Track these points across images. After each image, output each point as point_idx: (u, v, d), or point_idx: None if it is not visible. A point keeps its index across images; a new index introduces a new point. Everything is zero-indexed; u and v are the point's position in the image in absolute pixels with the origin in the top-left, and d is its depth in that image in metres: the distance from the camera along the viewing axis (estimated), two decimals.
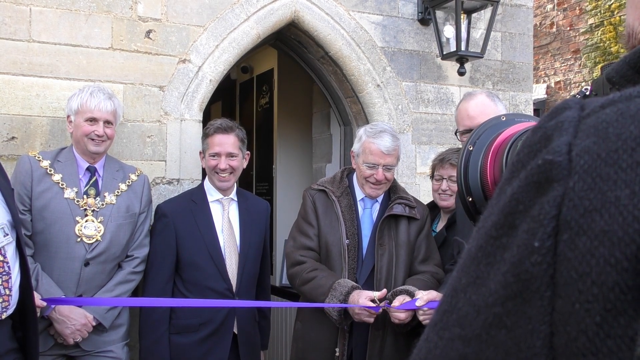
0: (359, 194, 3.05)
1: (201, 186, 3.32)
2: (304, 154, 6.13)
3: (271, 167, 6.36)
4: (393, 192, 3.07)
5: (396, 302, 2.70)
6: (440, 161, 3.23)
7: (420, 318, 2.65)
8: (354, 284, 2.79)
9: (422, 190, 4.32)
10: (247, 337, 3.23)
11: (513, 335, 0.47)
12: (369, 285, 2.88)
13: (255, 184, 6.71)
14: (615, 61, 0.66)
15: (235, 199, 3.31)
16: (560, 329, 0.45)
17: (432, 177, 3.35)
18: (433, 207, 3.35)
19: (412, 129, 4.34)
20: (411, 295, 2.73)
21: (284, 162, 6.26)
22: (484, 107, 2.58)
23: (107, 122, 3.03)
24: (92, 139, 2.98)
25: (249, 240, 3.24)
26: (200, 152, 3.35)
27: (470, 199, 0.88)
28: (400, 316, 2.69)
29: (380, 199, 3.06)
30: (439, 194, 3.23)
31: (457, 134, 2.77)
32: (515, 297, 0.47)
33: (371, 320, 2.72)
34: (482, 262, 0.51)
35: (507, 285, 0.48)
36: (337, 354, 2.83)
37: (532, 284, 0.46)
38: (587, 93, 0.65)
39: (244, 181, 6.93)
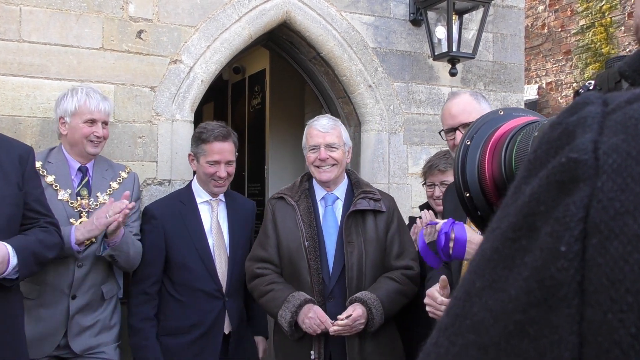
0: (319, 194, 3.05)
1: (189, 187, 3.30)
2: (296, 154, 6.12)
3: (263, 168, 6.35)
4: (356, 187, 3.05)
5: (343, 315, 2.75)
6: (429, 168, 3.24)
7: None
8: (308, 297, 2.81)
9: (414, 191, 4.32)
10: (238, 338, 3.23)
11: (537, 345, 0.44)
12: (341, 284, 2.89)
13: (248, 184, 6.71)
14: (629, 55, 0.65)
15: (223, 199, 3.31)
16: (590, 339, 0.41)
17: (424, 184, 3.36)
18: (427, 207, 3.36)
19: (404, 130, 4.34)
20: (362, 302, 2.79)
21: (276, 162, 6.25)
22: (465, 105, 2.57)
23: (104, 123, 3.03)
24: (92, 141, 2.97)
25: (238, 241, 3.25)
26: (190, 155, 3.30)
27: (467, 195, 0.87)
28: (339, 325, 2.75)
29: (342, 195, 3.05)
30: (434, 199, 3.24)
31: (442, 133, 2.78)
32: (539, 304, 0.44)
33: (318, 331, 2.76)
34: (498, 265, 0.48)
35: (529, 291, 0.44)
36: (313, 357, 2.83)
37: (558, 291, 0.43)
38: (591, 88, 0.64)
39: (236, 182, 6.93)
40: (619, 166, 0.43)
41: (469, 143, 0.89)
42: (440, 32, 4.11)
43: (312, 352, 2.84)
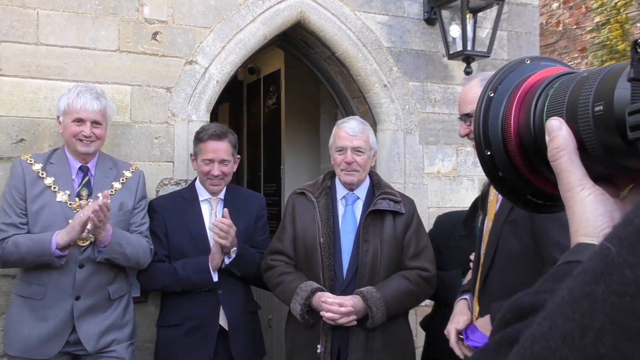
0: (340, 192, 3.09)
1: (192, 186, 3.38)
2: (311, 154, 6.13)
3: (279, 168, 6.36)
4: (377, 187, 3.08)
5: (349, 302, 2.80)
6: None
7: None
8: (317, 286, 2.86)
9: (430, 191, 4.31)
10: (239, 332, 3.24)
11: None
12: (354, 282, 2.92)
13: (264, 184, 6.72)
14: None
15: (223, 198, 3.36)
16: None
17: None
18: (471, 216, 3.31)
19: (419, 129, 4.34)
20: (363, 297, 2.81)
21: (291, 162, 6.26)
22: (467, 93, 2.48)
23: (95, 123, 2.97)
24: (81, 140, 2.95)
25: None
26: (191, 155, 3.38)
27: (488, 153, 0.77)
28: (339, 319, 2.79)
29: (363, 195, 3.08)
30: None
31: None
32: None
33: (335, 317, 2.79)
34: None
35: None
36: (319, 350, 2.86)
37: None
38: None
39: (252, 182, 6.95)
40: None
41: (492, 95, 0.79)
42: (454, 30, 4.10)
43: (318, 346, 2.87)
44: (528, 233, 2.16)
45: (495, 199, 2.33)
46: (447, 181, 4.40)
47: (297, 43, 4.32)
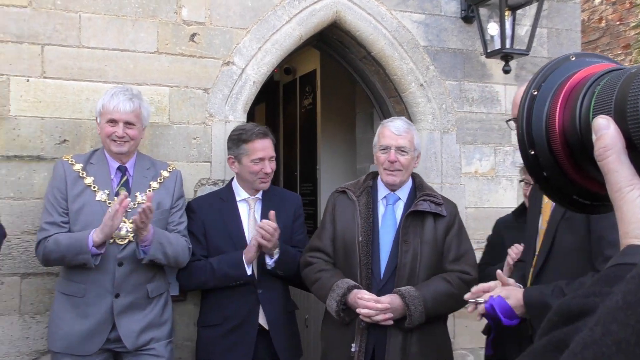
0: (382, 192, 3.07)
1: (229, 186, 3.41)
2: (347, 154, 6.13)
3: (315, 168, 6.37)
4: (419, 189, 3.07)
5: (386, 299, 2.80)
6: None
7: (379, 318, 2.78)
8: (353, 283, 2.86)
9: (468, 191, 4.27)
10: (279, 331, 3.26)
11: None
12: (392, 282, 2.90)
13: (300, 184, 6.75)
14: None
15: (260, 197, 3.38)
16: None
17: (521, 181, 3.31)
18: (523, 209, 3.28)
19: (456, 129, 4.30)
20: (401, 295, 2.79)
21: (327, 162, 6.27)
22: (519, 97, 2.53)
23: (128, 123, 3.02)
24: (114, 140, 3.01)
25: None
26: (230, 158, 3.35)
27: (532, 152, 0.75)
28: (362, 311, 2.79)
29: (404, 196, 3.06)
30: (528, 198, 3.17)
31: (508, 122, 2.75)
32: None
33: (371, 313, 2.78)
34: None
35: None
36: (354, 349, 2.85)
37: None
38: None
39: (289, 182, 6.97)
40: None
41: (535, 93, 0.76)
42: (492, 28, 4.05)
43: (353, 345, 2.86)
44: (584, 229, 2.17)
45: (550, 201, 2.33)
46: (485, 181, 4.35)
47: (332, 43, 4.32)
